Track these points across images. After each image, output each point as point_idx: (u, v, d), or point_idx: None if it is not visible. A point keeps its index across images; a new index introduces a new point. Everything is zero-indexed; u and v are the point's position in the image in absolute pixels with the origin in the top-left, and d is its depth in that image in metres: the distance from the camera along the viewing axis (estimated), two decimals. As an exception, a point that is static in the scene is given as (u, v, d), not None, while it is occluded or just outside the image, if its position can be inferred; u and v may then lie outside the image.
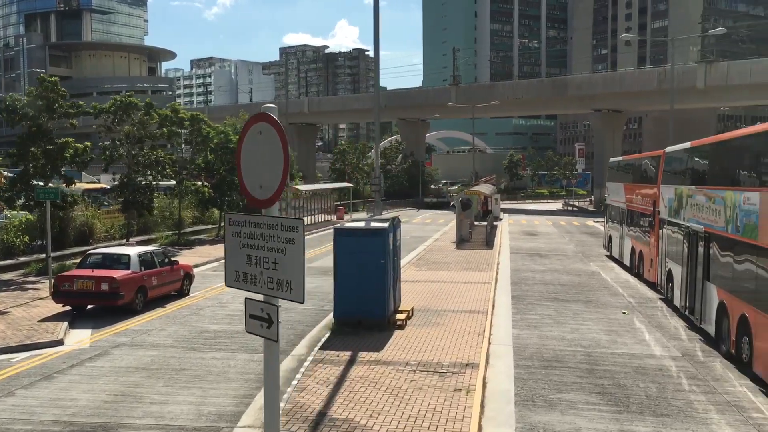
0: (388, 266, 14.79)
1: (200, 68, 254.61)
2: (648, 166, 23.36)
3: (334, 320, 14.90)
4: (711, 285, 14.24)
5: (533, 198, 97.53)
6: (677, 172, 18.47)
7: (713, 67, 61.22)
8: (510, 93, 75.45)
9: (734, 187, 12.92)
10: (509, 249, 33.19)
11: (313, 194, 51.26)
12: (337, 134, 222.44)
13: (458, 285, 21.16)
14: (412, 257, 28.88)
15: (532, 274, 24.71)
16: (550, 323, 16.30)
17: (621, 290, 21.41)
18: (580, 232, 44.46)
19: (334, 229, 15.15)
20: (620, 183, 27.85)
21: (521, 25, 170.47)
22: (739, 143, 13.31)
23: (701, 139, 16.17)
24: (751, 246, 11.82)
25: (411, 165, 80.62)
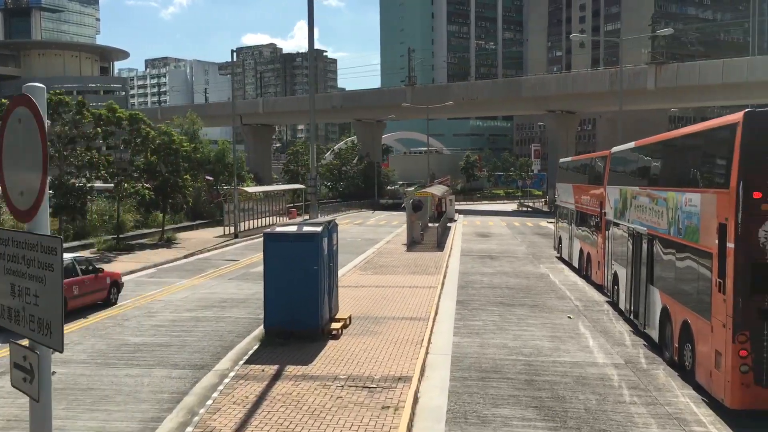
0: (322, 272, 14.01)
1: (155, 68, 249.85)
2: (595, 167, 23.04)
3: (264, 331, 14.04)
4: (654, 289, 13.81)
5: (490, 199, 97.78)
6: (623, 173, 18.09)
7: (663, 68, 61.96)
8: (465, 94, 75.36)
9: (676, 188, 12.48)
10: (460, 251, 32.70)
11: (265, 196, 50.15)
12: (295, 135, 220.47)
13: (403, 290, 20.48)
14: (360, 261, 28.13)
15: (480, 277, 24.18)
16: (493, 330, 15.71)
17: (568, 293, 21.00)
18: (533, 233, 44.30)
19: (264, 233, 14.30)
20: (569, 184, 27.55)
21: (478, 26, 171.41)
22: (680, 143, 12.90)
23: (645, 139, 15.79)
24: (693, 249, 11.37)
25: (367, 166, 79.97)
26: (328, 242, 14.69)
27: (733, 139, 9.67)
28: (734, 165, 9.57)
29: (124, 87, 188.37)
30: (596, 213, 21.73)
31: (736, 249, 9.50)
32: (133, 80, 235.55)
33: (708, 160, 11.27)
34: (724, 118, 10.35)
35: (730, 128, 9.85)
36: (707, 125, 11.20)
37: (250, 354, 12.88)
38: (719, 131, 10.54)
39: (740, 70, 57.22)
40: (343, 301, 18.22)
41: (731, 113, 10.19)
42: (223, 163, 49.90)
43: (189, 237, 37.21)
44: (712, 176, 10.81)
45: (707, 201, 10.69)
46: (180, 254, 29.52)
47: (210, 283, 22.59)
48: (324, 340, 13.81)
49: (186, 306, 18.35)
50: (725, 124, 10.16)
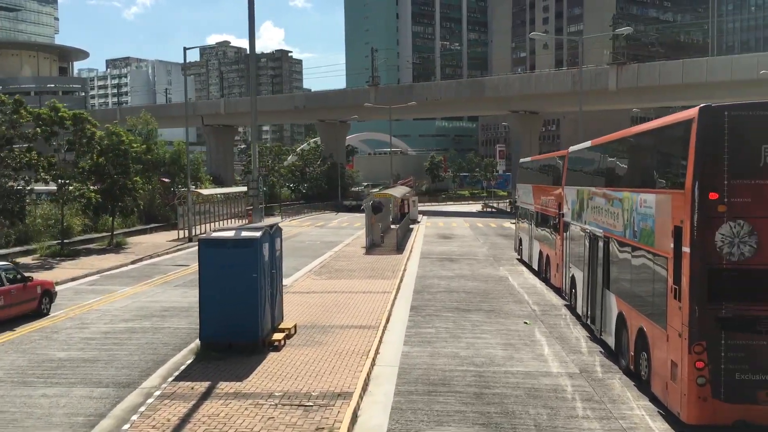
0: (262, 280, 13.15)
1: (116, 68, 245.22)
2: (553, 167, 22.54)
3: (199, 343, 13.13)
4: (610, 293, 13.24)
5: (455, 199, 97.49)
6: (580, 173, 17.55)
7: (624, 69, 62.19)
8: (428, 94, 74.90)
9: (631, 189, 11.91)
10: (420, 253, 32.04)
11: (222, 198, 48.93)
12: (260, 136, 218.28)
13: (356, 296, 19.68)
14: (315, 265, 27.28)
15: (438, 281, 23.51)
16: (446, 337, 15.01)
17: (526, 297, 20.43)
18: (496, 234, 43.89)
19: (199, 239, 13.39)
20: (529, 184, 27.07)
21: (443, 27, 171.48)
22: (635, 141, 12.33)
23: (600, 138, 15.25)
24: (648, 253, 10.79)
25: (330, 167, 78.93)
26: (270, 248, 13.83)
27: (688, 137, 9.09)
28: (689, 164, 8.98)
29: (83, 87, 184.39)
30: (555, 214, 21.21)
31: (692, 253, 8.91)
32: (94, 81, 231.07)
33: (663, 158, 10.70)
34: (678, 114, 9.77)
35: (685, 125, 9.27)
36: (661, 122, 10.62)
37: (182, 369, 11.97)
38: (674, 128, 9.97)
39: (700, 70, 57.70)
40: (292, 308, 17.40)
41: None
42: (178, 164, 48.55)
43: (141, 241, 35.91)
44: (667, 176, 10.23)
45: (662, 202, 10.11)
46: (128, 260, 28.31)
47: (154, 290, 21.52)
48: (264, 353, 12.95)
49: (123, 316, 17.30)
50: (680, 120, 9.58)
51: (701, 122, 8.84)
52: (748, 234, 8.72)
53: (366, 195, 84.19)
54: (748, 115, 8.74)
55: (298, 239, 40.01)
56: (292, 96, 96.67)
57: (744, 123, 8.73)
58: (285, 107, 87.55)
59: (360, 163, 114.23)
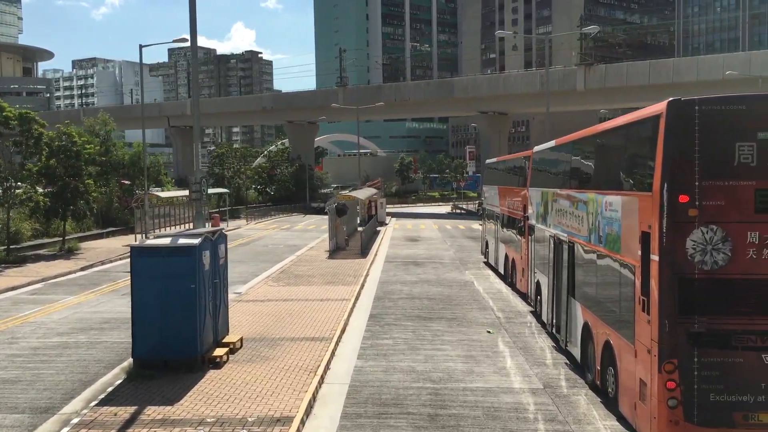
0: (202, 291, 12.12)
1: (82, 69, 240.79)
2: (518, 167, 21.79)
3: (132, 361, 12.04)
4: (575, 302, 12.44)
5: (425, 201, 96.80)
6: (545, 174, 16.79)
7: (592, 69, 62.04)
8: (397, 95, 74.13)
9: (596, 191, 11.11)
10: (385, 257, 31.14)
11: (184, 200, 47.51)
12: (230, 138, 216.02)
13: (313, 304, 18.68)
14: (275, 270, 26.21)
15: (400, 286, 22.61)
16: (404, 350, 14.09)
17: (491, 303, 19.62)
18: (464, 236, 43.17)
19: (131, 247, 12.30)
20: (495, 185, 26.34)
21: (413, 28, 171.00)
22: (600, 139, 11.53)
23: (565, 137, 14.48)
24: (614, 260, 9.99)
25: (298, 169, 77.65)
26: (212, 255, 12.80)
27: (655, 134, 8.28)
28: (657, 164, 8.18)
29: (48, 88, 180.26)
30: (520, 217, 20.46)
31: (661, 262, 8.10)
32: (59, 81, 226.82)
33: (629, 158, 9.89)
34: (645, 110, 8.96)
35: (652, 121, 8.46)
36: (628, 118, 9.81)
37: (109, 391, 10.89)
38: (640, 125, 9.16)
39: (667, 71, 57.75)
40: (242, 319, 16.36)
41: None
42: (138, 166, 47.04)
43: (95, 246, 34.46)
44: (634, 177, 9.43)
45: (629, 205, 9.30)
46: (77, 266, 26.94)
47: (99, 299, 20.28)
48: (203, 370, 11.90)
49: (59, 329, 16.09)
50: (647, 116, 8.77)
51: (670, 117, 8.04)
52: (722, 240, 7.94)
53: (334, 197, 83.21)
54: (720, 110, 7.96)
55: (261, 243, 38.86)
56: (259, 97, 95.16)
57: (716, 118, 7.95)
58: (252, 108, 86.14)
59: (329, 164, 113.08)
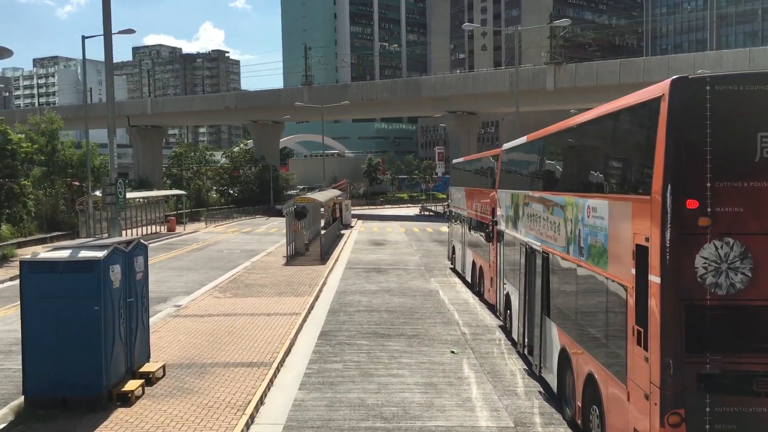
0: (110, 313, 10.16)
1: (44, 67, 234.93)
2: (486, 168, 20.10)
3: (24, 399, 10.01)
4: (551, 322, 10.73)
5: (393, 203, 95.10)
6: (515, 174, 15.09)
7: (562, 68, 60.96)
8: (364, 94, 72.28)
9: (576, 193, 9.39)
10: (346, 263, 29.28)
11: (145, 202, 45.14)
12: (197, 138, 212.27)
13: (259, 319, 16.73)
14: (225, 279, 24.16)
15: (359, 297, 20.75)
16: (354, 376, 12.24)
17: (457, 316, 17.87)
18: (431, 239, 41.47)
19: (21, 261, 10.27)
20: (462, 187, 24.64)
21: (381, 28, 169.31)
22: (582, 132, 9.76)
23: (538, 131, 12.78)
24: (599, 278, 8.25)
25: (262, 169, 75.24)
26: (125, 270, 10.82)
27: (655, 122, 6.55)
28: (658, 160, 6.44)
29: (7, 87, 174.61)
30: (488, 221, 18.75)
31: (663, 285, 6.35)
32: (19, 80, 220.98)
33: (620, 153, 8.12)
34: (642, 92, 7.19)
35: (651, 106, 6.73)
36: (618, 105, 8.02)
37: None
38: (635, 111, 7.40)
39: (637, 70, 56.85)
40: (174, 339, 14.37)
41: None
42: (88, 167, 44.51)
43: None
44: (626, 176, 7.71)
45: (619, 212, 7.57)
46: (6, 275, 24.59)
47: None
48: (109, 409, 9.92)
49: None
50: (644, 100, 7.00)
51: (674, 100, 6.30)
52: (741, 257, 6.23)
53: (293, 199, 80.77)
54: (739, 91, 6.25)
55: (216, 248, 36.69)
56: (222, 96, 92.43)
57: (734, 101, 6.24)
58: (215, 107, 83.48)
59: (296, 165, 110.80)
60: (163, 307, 19.06)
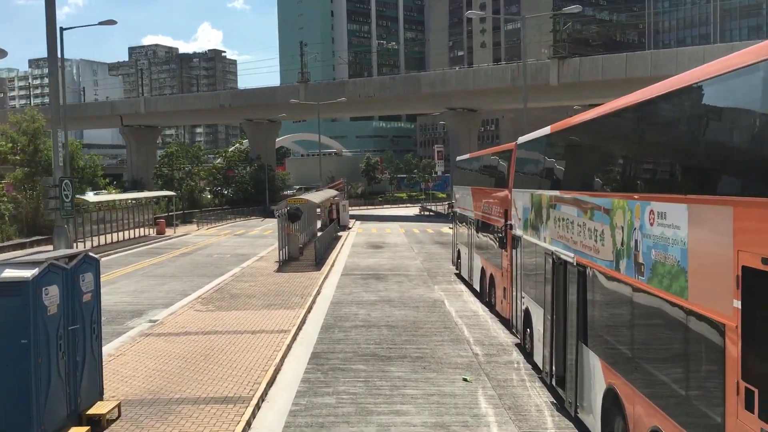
0: (44, 346, 8.14)
1: (39, 68, 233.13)
2: (497, 165, 18.07)
3: (-68, 457, 7.98)
4: (591, 353, 8.70)
5: (392, 202, 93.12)
6: (535, 172, 13.09)
7: (566, 63, 58.99)
8: (361, 91, 70.22)
9: (631, 194, 7.35)
10: (343, 269, 27.25)
11: (120, 205, 43.02)
12: (194, 138, 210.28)
13: (242, 338, 14.70)
14: (210, 287, 22.12)
15: (356, 309, 18.72)
16: (350, 414, 10.22)
17: (466, 331, 15.85)
18: (433, 241, 39.45)
19: (-74, 285, 8.22)
20: (467, 186, 22.61)
21: (379, 26, 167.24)
22: (647, 112, 7.49)
23: (567, 120, 10.77)
24: (672, 307, 6.21)
25: (257, 169, 73.10)
26: (67, 291, 8.80)
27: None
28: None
29: (1, 88, 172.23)
30: (499, 224, 16.73)
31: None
32: (14, 81, 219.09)
33: (712, 137, 5.96)
34: (750, 50, 5.11)
35: None
36: (716, 68, 5.81)
37: None
38: (744, 76, 5.24)
39: (644, 64, 54.89)
40: (140, 365, 12.34)
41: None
42: (72, 167, 42.45)
43: (9, 259, 29.93)
44: (725, 171, 5.62)
45: (709, 219, 5.52)
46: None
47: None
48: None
49: None
50: (760, 59, 4.92)
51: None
52: None
53: (285, 201, 78.46)
54: None
55: (205, 252, 34.63)
56: (217, 94, 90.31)
57: None
58: (210, 106, 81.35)
59: (292, 165, 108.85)
60: (136, 323, 17.03)
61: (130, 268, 28.21)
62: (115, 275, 25.96)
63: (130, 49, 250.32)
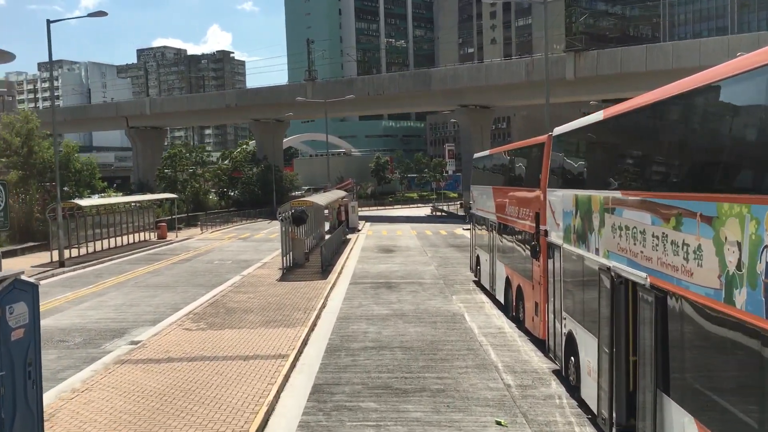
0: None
1: (47, 71, 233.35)
2: (525, 161, 15.89)
3: None
4: (682, 411, 6.49)
5: (403, 203, 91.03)
6: (578, 169, 10.91)
7: (582, 56, 56.62)
8: (370, 88, 68.14)
9: (750, 196, 5.15)
10: (351, 276, 25.14)
11: (136, 207, 41.19)
12: (203, 140, 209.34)
13: (232, 365, 12.59)
14: (205, 300, 20.05)
15: (366, 325, 16.57)
16: (358, 476, 8.08)
17: (493, 354, 13.67)
18: (447, 244, 37.26)
19: None
20: (488, 186, 20.41)
21: (387, 24, 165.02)
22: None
23: (630, 100, 8.59)
24: None
25: (264, 170, 71.08)
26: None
27: None
28: None
29: (10, 91, 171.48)
30: (530, 229, 14.54)
31: None
32: (23, 84, 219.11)
33: None
34: None
35: None
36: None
37: None
38: None
39: (665, 55, 52.45)
40: (103, 407, 10.27)
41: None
42: (69, 169, 40.64)
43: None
44: None
45: None
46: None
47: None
48: None
49: None
50: None
51: None
52: None
53: (289, 203, 76.20)
54: None
55: (206, 258, 32.59)
56: (222, 94, 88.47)
57: None
58: (216, 106, 79.48)
59: (301, 165, 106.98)
60: (116, 344, 14.97)
61: (123, 277, 26.20)
62: (104, 286, 23.96)
63: (139, 51, 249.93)
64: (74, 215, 33.41)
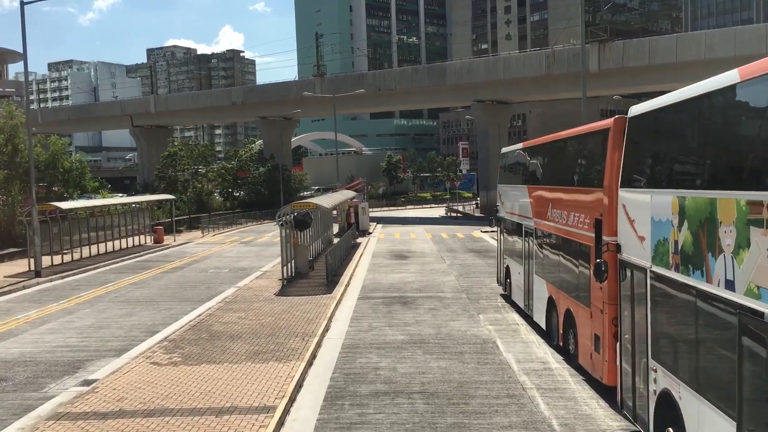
0: None
1: (57, 71, 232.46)
2: (579, 154, 12.67)
3: None
4: None
5: (415, 203, 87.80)
6: (682, 161, 7.70)
7: (607, 46, 53.19)
8: (381, 84, 64.93)
9: None
10: (360, 290, 21.98)
11: (136, 208, 38.30)
12: (213, 138, 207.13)
13: (197, 425, 9.46)
14: (189, 319, 17.00)
15: (377, 357, 13.41)
16: None
17: (543, 406, 10.47)
18: (466, 249, 34.03)
19: None
20: (522, 185, 17.20)
21: (399, 20, 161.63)
22: None
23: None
24: None
25: (271, 169, 68.01)
26: None
27: None
28: None
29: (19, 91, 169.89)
30: (585, 241, 11.34)
31: None
32: (32, 84, 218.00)
33: None
34: None
35: None
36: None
37: None
38: None
39: (698, 45, 48.92)
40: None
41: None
42: (57, 169, 37.79)
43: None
44: None
45: None
46: None
47: None
48: None
49: None
50: None
51: None
52: None
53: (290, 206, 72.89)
54: None
55: (200, 266, 29.51)
56: (228, 91, 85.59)
57: None
58: (221, 103, 76.63)
59: (310, 164, 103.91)
60: (63, 386, 11.90)
61: (102, 289, 23.16)
62: (78, 301, 20.93)
63: (148, 51, 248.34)
64: (57, 219, 30.46)
